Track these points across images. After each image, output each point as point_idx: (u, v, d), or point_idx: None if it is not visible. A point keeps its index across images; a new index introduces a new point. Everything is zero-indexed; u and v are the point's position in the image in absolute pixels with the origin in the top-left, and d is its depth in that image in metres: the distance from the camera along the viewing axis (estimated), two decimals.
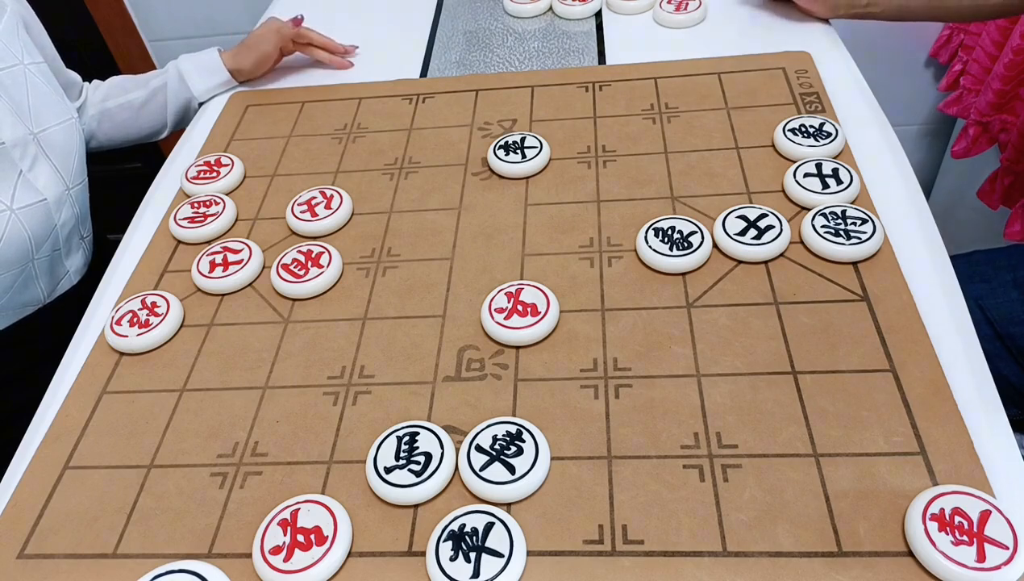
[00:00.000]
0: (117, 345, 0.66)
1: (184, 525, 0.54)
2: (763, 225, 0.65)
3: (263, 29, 0.95)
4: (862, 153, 0.73)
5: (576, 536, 0.49)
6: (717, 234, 0.65)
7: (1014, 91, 1.26)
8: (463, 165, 0.80)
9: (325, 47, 0.98)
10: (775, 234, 0.64)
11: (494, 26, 1.04)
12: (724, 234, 0.65)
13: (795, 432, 0.53)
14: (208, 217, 0.77)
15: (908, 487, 0.49)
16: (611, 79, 0.88)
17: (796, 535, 0.48)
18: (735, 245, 0.64)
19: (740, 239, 0.64)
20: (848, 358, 0.56)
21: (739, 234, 0.65)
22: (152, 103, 0.96)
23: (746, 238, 0.64)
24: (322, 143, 0.86)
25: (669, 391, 0.56)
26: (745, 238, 0.64)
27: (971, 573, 0.43)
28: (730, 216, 0.66)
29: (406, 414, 0.58)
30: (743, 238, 0.64)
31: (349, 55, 1.00)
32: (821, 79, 0.82)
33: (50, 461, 0.59)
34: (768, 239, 0.64)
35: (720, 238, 0.65)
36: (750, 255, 0.64)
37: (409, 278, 0.69)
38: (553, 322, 0.62)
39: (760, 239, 0.64)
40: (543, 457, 0.53)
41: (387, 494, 0.52)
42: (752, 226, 0.65)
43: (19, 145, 0.77)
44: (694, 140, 0.77)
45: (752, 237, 0.64)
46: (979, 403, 0.53)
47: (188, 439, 0.59)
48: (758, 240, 0.64)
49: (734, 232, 0.65)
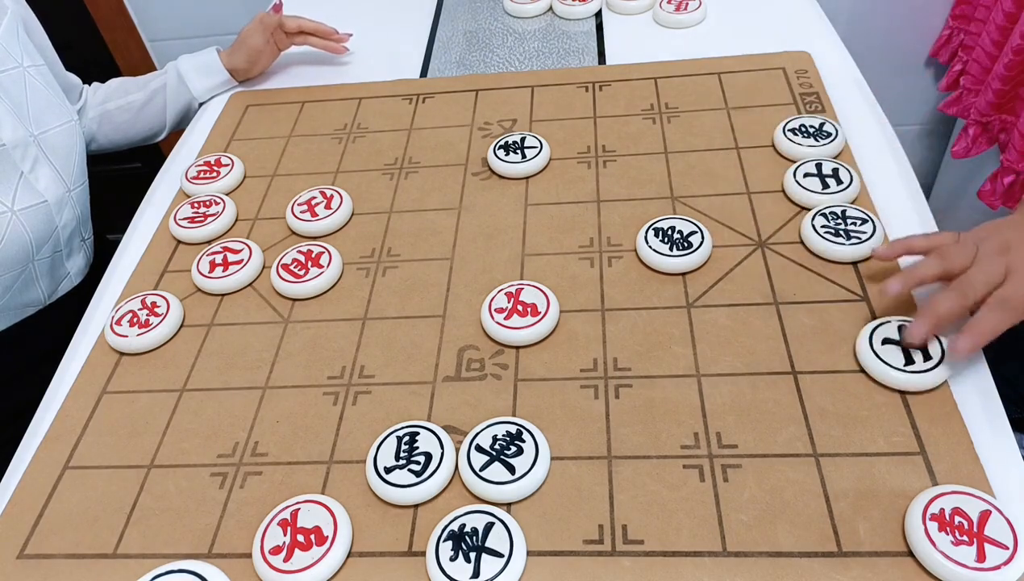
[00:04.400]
0: (117, 345, 0.66)
1: (184, 525, 0.54)
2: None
3: (250, 24, 0.95)
4: (862, 153, 0.73)
5: (576, 536, 0.49)
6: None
7: (1014, 91, 1.26)
8: (463, 165, 0.80)
9: (317, 32, 0.97)
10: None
11: (494, 26, 1.04)
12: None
13: (795, 432, 0.53)
14: (208, 217, 0.77)
15: (908, 487, 0.49)
16: (611, 79, 0.88)
17: (796, 535, 0.48)
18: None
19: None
20: (848, 358, 0.56)
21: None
22: (152, 104, 0.96)
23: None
24: (322, 143, 0.86)
25: (669, 391, 0.56)
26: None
27: (971, 573, 0.43)
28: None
29: (406, 414, 0.58)
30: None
31: (343, 41, 0.99)
32: (821, 79, 0.82)
33: (50, 461, 0.59)
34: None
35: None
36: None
37: (409, 278, 0.69)
38: (553, 322, 0.62)
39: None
40: (543, 457, 0.53)
41: (387, 494, 0.52)
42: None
43: (20, 147, 0.77)
44: (694, 140, 0.77)
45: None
46: (979, 403, 0.53)
47: (188, 439, 0.59)
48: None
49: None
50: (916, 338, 0.54)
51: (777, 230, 0.67)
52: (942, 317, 0.54)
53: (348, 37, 0.99)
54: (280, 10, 0.95)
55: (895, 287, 0.56)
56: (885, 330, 0.56)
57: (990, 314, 0.52)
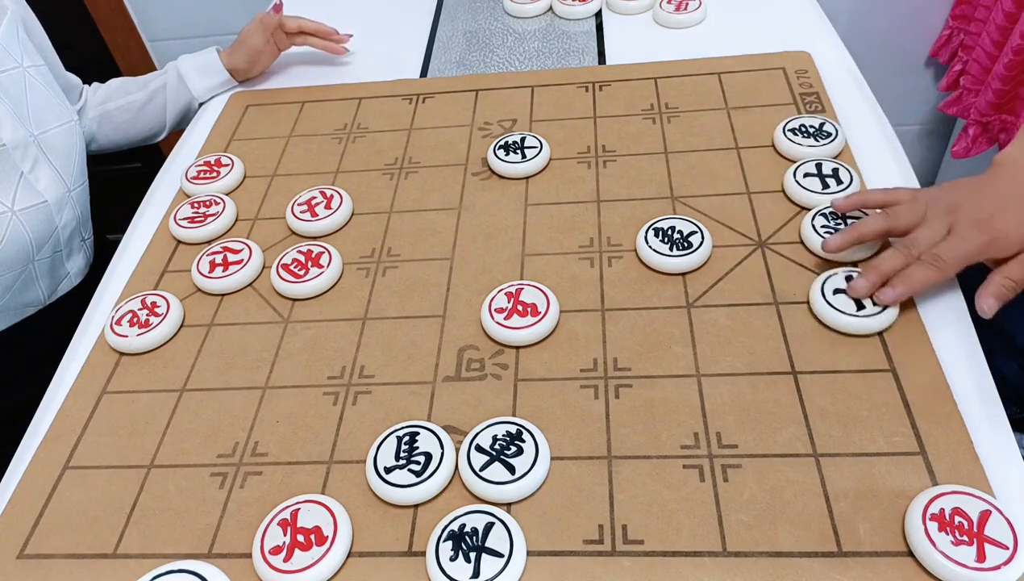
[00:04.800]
0: (117, 345, 0.66)
1: (184, 525, 0.54)
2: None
3: (250, 24, 0.95)
4: (862, 153, 0.73)
5: (576, 536, 0.49)
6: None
7: (1014, 91, 1.26)
8: (463, 165, 0.80)
9: (318, 33, 0.97)
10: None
11: (494, 26, 1.04)
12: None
13: (795, 432, 0.53)
14: (208, 217, 0.77)
15: (908, 487, 0.49)
16: (611, 79, 0.88)
17: (796, 535, 0.48)
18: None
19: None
20: (848, 358, 0.56)
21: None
22: (152, 104, 0.96)
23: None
24: (322, 143, 0.86)
25: (669, 391, 0.56)
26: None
27: (971, 573, 0.43)
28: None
29: (406, 414, 0.58)
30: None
31: (343, 42, 0.99)
32: (821, 79, 0.82)
33: (50, 461, 0.59)
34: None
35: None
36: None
37: (409, 278, 0.69)
38: (553, 322, 0.62)
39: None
40: (543, 457, 0.53)
41: (387, 494, 0.52)
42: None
43: (20, 147, 0.77)
44: (694, 140, 0.77)
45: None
46: (979, 403, 0.53)
47: (188, 439, 0.59)
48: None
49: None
50: (860, 292, 0.57)
51: (777, 230, 0.67)
52: (884, 273, 0.57)
53: (348, 38, 0.99)
54: (280, 10, 0.95)
55: (834, 243, 0.60)
56: (834, 281, 0.60)
57: (921, 269, 0.56)
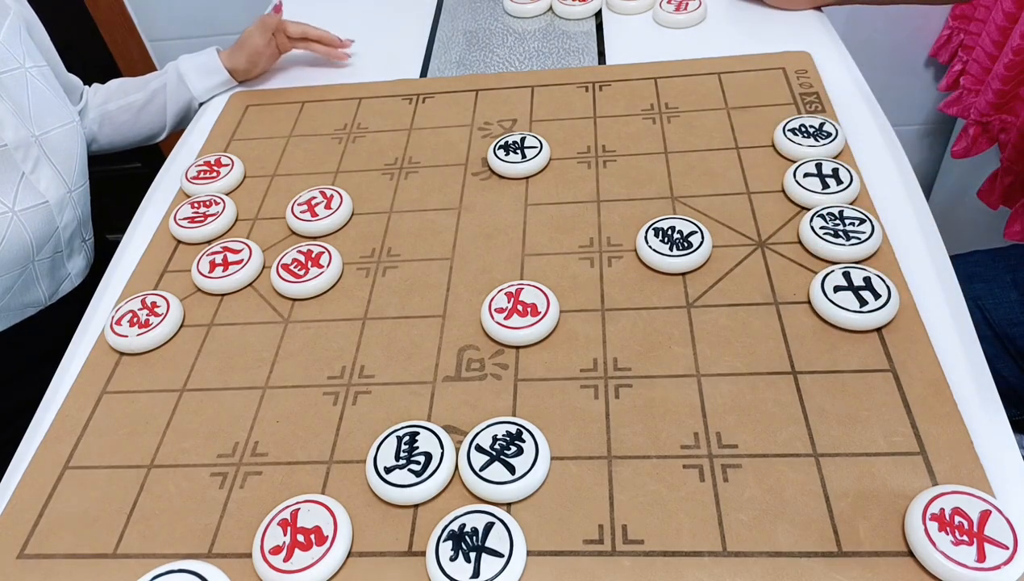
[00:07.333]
0: (117, 345, 0.66)
1: (184, 525, 0.54)
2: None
3: (251, 26, 0.95)
4: (862, 153, 0.73)
5: (576, 536, 0.49)
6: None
7: (1014, 91, 1.26)
8: (463, 165, 0.80)
9: (321, 40, 0.97)
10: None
11: (494, 26, 1.04)
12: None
13: (795, 432, 0.53)
14: (208, 217, 0.77)
15: (908, 487, 0.49)
16: (611, 79, 0.88)
17: (796, 535, 0.48)
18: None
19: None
20: (848, 358, 0.56)
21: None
22: (152, 105, 0.96)
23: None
24: (322, 143, 0.86)
25: (669, 391, 0.56)
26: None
27: (971, 573, 0.43)
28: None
29: (406, 414, 0.58)
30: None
31: (346, 48, 0.99)
32: (821, 79, 0.82)
33: (50, 461, 0.59)
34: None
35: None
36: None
37: (409, 278, 0.69)
38: (553, 322, 0.62)
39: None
40: (543, 457, 0.53)
41: (387, 494, 0.52)
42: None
43: (21, 147, 0.77)
44: (694, 140, 0.77)
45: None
46: (979, 403, 0.53)
47: (188, 439, 0.59)
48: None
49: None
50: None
51: (777, 230, 0.67)
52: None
53: (350, 44, 0.99)
54: (280, 11, 0.95)
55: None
56: (834, 278, 0.60)
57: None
